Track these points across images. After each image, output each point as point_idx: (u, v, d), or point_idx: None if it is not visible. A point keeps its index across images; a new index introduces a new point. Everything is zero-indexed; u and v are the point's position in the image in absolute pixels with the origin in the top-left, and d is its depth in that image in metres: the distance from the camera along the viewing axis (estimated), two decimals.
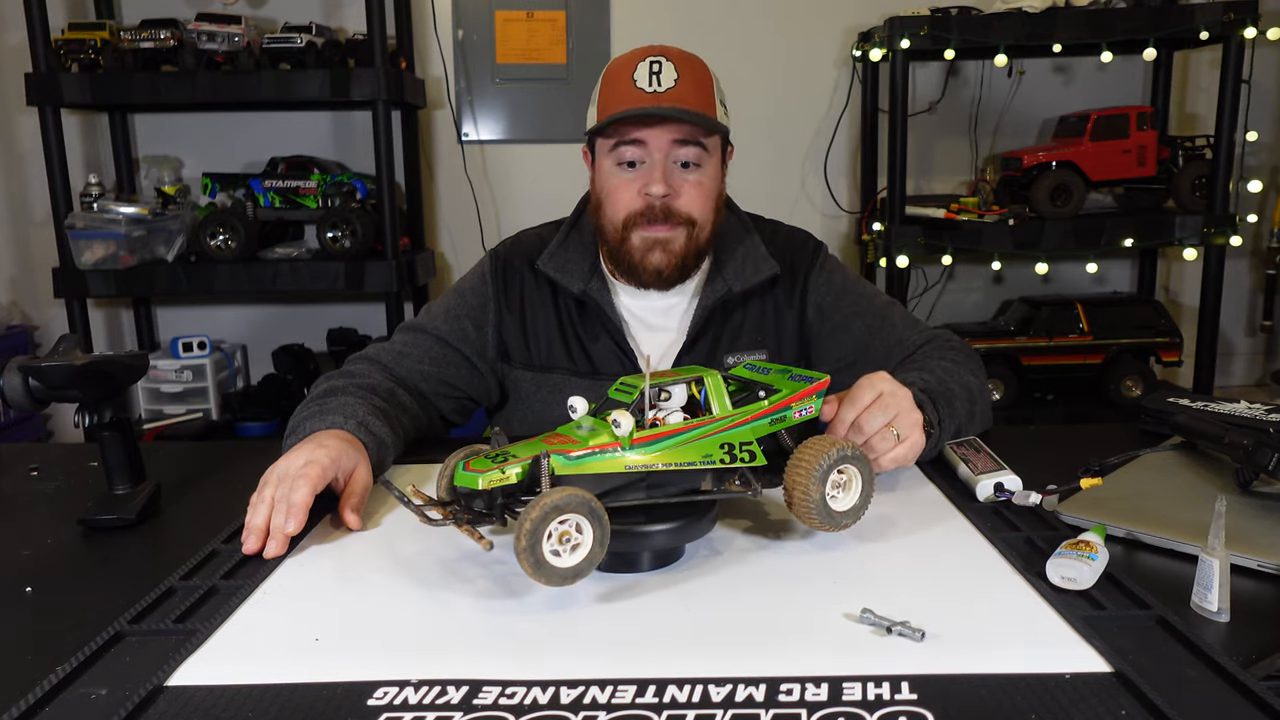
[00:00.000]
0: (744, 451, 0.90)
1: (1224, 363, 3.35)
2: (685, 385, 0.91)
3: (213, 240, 2.80)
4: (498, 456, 0.83)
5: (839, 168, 3.28)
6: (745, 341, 1.38)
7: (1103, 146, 2.89)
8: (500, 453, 0.84)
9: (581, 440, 0.84)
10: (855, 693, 0.65)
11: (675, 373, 0.92)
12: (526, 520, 0.75)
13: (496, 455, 0.84)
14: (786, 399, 0.95)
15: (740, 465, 0.90)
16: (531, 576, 0.76)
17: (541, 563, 0.76)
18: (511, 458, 0.82)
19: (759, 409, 0.93)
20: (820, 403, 0.99)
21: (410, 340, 1.36)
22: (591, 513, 0.78)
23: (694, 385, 0.92)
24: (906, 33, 2.75)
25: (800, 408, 0.96)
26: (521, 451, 0.83)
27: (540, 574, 0.76)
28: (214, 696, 0.66)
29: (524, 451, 0.83)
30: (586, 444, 0.84)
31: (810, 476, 0.87)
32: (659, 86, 1.25)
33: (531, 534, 0.75)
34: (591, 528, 0.78)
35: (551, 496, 0.76)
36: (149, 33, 2.71)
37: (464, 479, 0.83)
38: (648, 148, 1.27)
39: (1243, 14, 2.72)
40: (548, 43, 3.17)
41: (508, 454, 0.83)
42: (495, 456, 0.84)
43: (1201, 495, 0.98)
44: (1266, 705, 0.62)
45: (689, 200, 1.30)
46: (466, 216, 3.25)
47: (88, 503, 1.02)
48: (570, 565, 0.78)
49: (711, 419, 0.89)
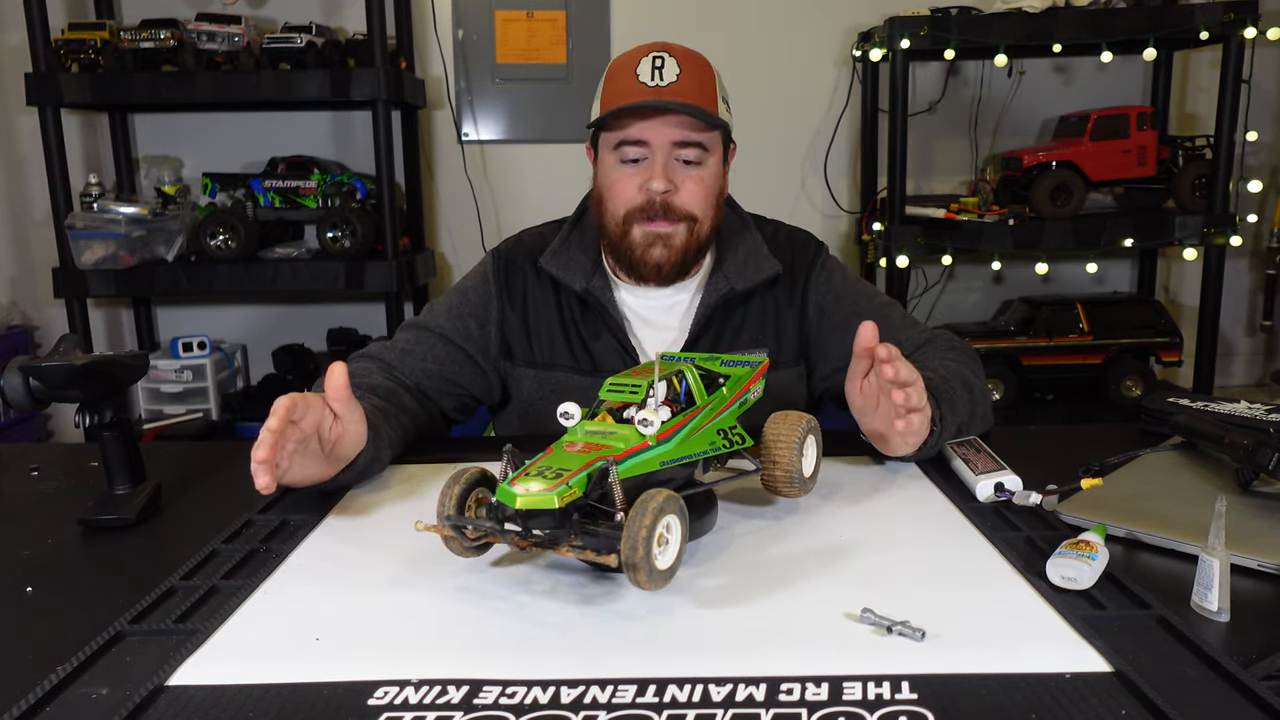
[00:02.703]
0: (735, 435, 0.95)
1: (1224, 363, 3.35)
2: (668, 380, 0.91)
3: (213, 240, 2.80)
4: (544, 473, 0.78)
5: (839, 168, 3.28)
6: (745, 340, 1.38)
7: (1103, 146, 2.89)
8: (538, 468, 0.79)
9: (622, 442, 0.83)
10: (855, 692, 0.65)
11: (652, 367, 0.93)
12: (641, 529, 0.74)
13: (543, 472, 0.78)
14: (745, 383, 0.99)
15: (738, 448, 0.95)
16: (644, 585, 0.76)
17: (654, 570, 0.76)
18: (562, 471, 0.78)
19: (733, 394, 0.96)
20: (763, 385, 1.02)
21: (413, 338, 1.36)
22: (680, 510, 0.79)
23: (675, 379, 0.92)
24: (906, 33, 2.75)
25: (754, 390, 1.01)
26: (564, 464, 0.79)
27: (651, 581, 0.76)
28: (214, 696, 0.66)
29: (566, 464, 0.79)
30: (629, 445, 0.83)
31: (793, 449, 0.95)
32: (661, 81, 1.26)
33: (647, 542, 0.74)
34: (680, 526, 0.79)
35: (654, 501, 0.75)
36: (149, 33, 2.71)
37: (533, 500, 0.77)
38: (649, 146, 1.28)
39: (1243, 14, 2.71)
40: (548, 43, 3.17)
41: (546, 469, 0.79)
42: (548, 472, 0.78)
43: (1201, 495, 0.98)
44: (1266, 705, 0.62)
45: (689, 196, 1.30)
46: (466, 216, 3.25)
47: (88, 503, 1.02)
48: (669, 566, 0.78)
49: (705, 408, 0.91)
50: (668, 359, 0.97)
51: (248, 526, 0.98)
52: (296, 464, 0.97)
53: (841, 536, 0.94)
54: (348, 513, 1.03)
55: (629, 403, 0.89)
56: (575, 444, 0.83)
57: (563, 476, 0.77)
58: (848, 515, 1.00)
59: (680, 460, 0.88)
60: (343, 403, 1.00)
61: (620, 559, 0.75)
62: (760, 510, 1.01)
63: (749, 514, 1.00)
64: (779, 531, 0.95)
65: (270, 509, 1.03)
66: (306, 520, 0.99)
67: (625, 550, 0.74)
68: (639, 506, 0.75)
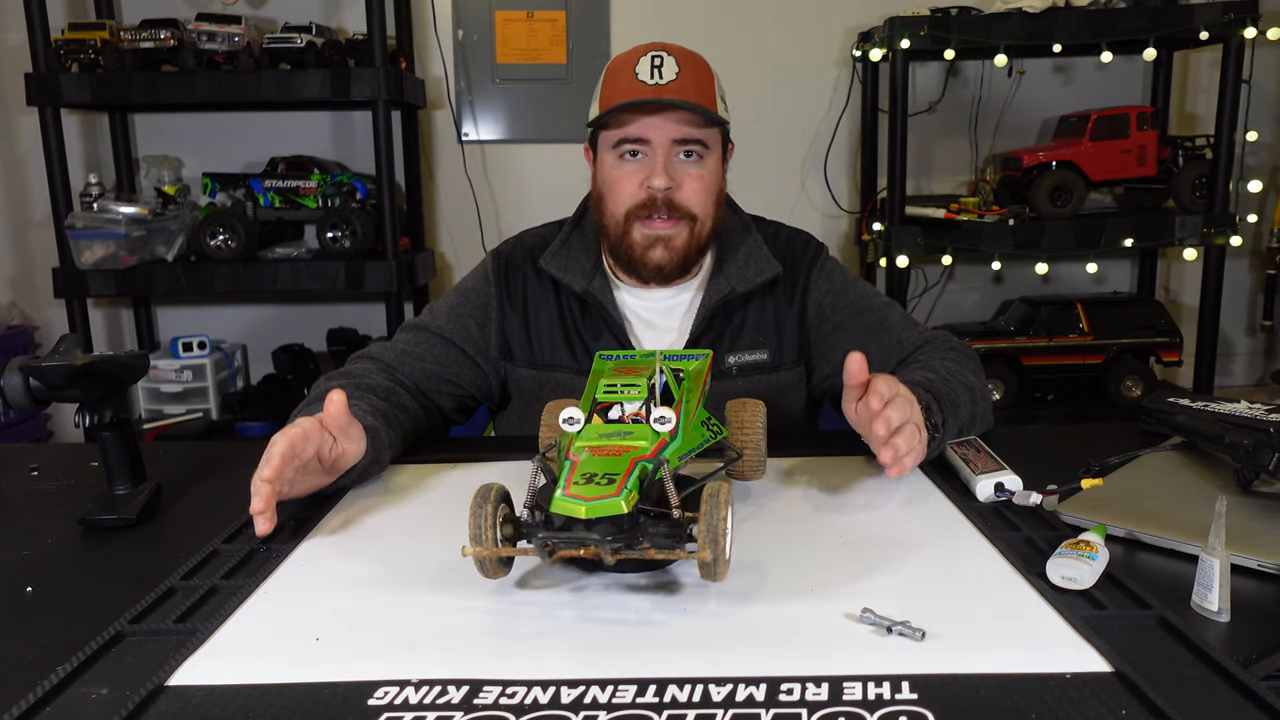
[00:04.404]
0: (713, 425, 0.97)
1: (1224, 363, 3.35)
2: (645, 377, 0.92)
3: (213, 240, 2.80)
4: (593, 480, 0.76)
5: (839, 168, 3.28)
6: (746, 341, 1.38)
7: (1103, 146, 2.89)
8: (581, 475, 0.77)
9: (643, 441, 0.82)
10: (855, 692, 0.65)
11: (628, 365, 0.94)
12: (719, 521, 0.75)
13: (590, 479, 0.76)
14: (704, 374, 1.01)
15: (721, 436, 0.98)
16: (719, 578, 0.77)
17: (728, 562, 0.78)
18: (611, 476, 0.77)
19: (697, 386, 0.97)
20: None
21: (413, 339, 1.36)
22: (733, 500, 0.80)
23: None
24: (906, 33, 2.75)
25: (708, 381, 1.04)
26: (607, 469, 0.78)
27: (725, 572, 0.77)
28: (214, 696, 0.66)
29: (608, 468, 0.78)
30: (653, 444, 0.83)
31: (759, 434, 1.01)
32: (660, 79, 1.26)
33: (726, 535, 0.76)
34: (733, 515, 0.80)
35: (723, 494, 0.76)
36: (149, 33, 2.71)
37: (601, 508, 0.74)
38: (650, 143, 1.28)
39: (1243, 14, 2.72)
40: (548, 43, 3.17)
41: (592, 475, 0.77)
42: (598, 479, 0.76)
43: (1201, 495, 0.98)
44: (1266, 705, 0.62)
45: (690, 193, 1.30)
46: (466, 216, 3.25)
47: (88, 503, 1.02)
48: (730, 556, 0.79)
49: (682, 401, 0.91)
50: (605, 358, 0.99)
51: (248, 526, 0.98)
52: (295, 483, 0.98)
53: (841, 536, 0.94)
54: (348, 513, 1.03)
55: (614, 402, 0.88)
56: (600, 448, 0.81)
57: (617, 481, 0.76)
58: (848, 515, 1.00)
59: (690, 454, 0.90)
60: (342, 429, 1.00)
61: (700, 554, 0.75)
62: (759, 510, 1.01)
63: (747, 514, 1.00)
64: (778, 531, 0.95)
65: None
66: (306, 520, 0.99)
67: (705, 545, 0.75)
68: (711, 500, 0.76)
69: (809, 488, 1.07)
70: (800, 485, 1.08)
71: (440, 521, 0.99)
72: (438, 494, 1.09)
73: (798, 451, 1.18)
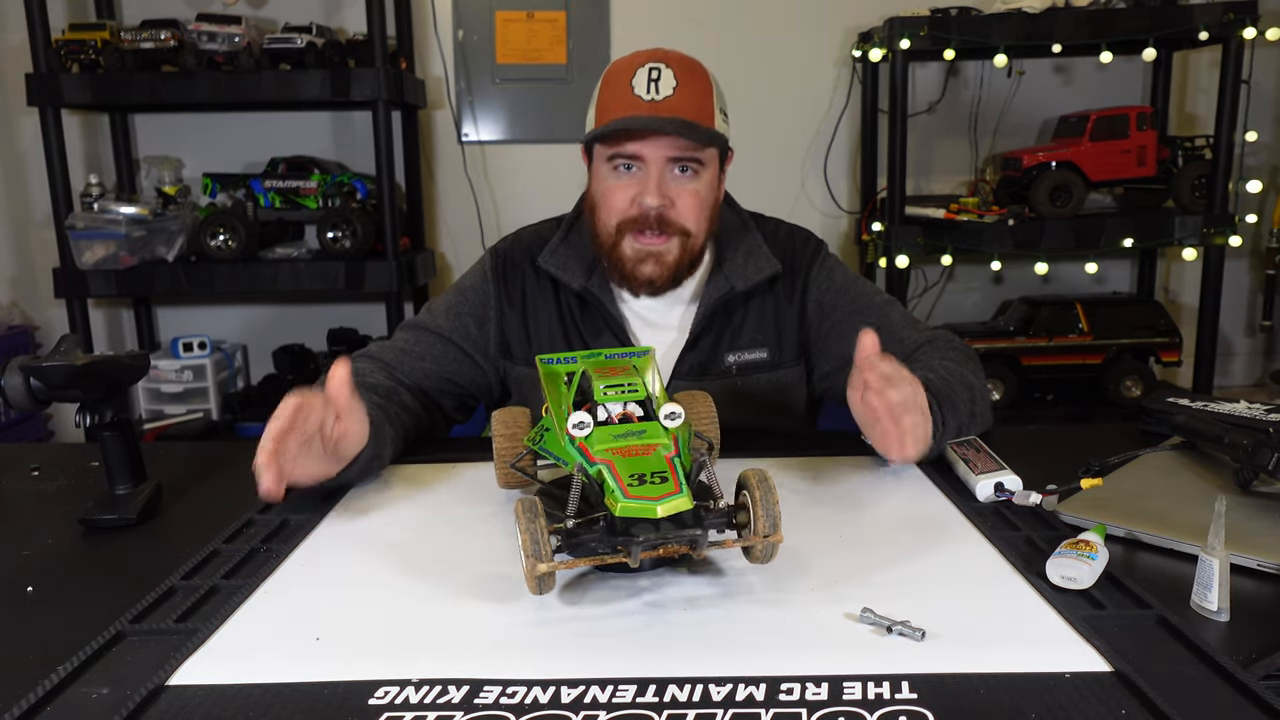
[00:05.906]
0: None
1: (1224, 363, 3.35)
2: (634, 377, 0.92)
3: (213, 240, 2.80)
4: (647, 480, 0.77)
5: (839, 168, 3.28)
6: (746, 340, 1.38)
7: (1103, 146, 2.89)
8: (632, 477, 0.77)
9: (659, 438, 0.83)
10: (855, 692, 0.65)
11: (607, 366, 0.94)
12: (774, 504, 0.78)
13: (643, 479, 0.77)
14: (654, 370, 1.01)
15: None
16: (770, 559, 0.80)
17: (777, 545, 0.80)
18: (660, 474, 0.77)
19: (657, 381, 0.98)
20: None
21: (412, 338, 1.36)
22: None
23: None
24: (906, 33, 2.75)
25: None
26: (648, 468, 0.78)
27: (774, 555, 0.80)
28: (214, 696, 0.66)
29: (649, 468, 0.78)
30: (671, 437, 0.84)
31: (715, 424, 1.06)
32: (656, 95, 1.24)
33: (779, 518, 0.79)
34: None
35: (769, 479, 0.79)
36: (149, 33, 2.71)
37: (673, 506, 0.75)
38: (644, 160, 1.27)
39: (1242, 14, 2.72)
40: (548, 43, 3.17)
41: (644, 476, 0.77)
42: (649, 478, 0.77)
43: (1201, 495, 0.98)
44: (1266, 705, 0.62)
45: (684, 210, 1.28)
46: (466, 216, 3.25)
47: (88, 503, 1.02)
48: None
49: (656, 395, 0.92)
50: (547, 362, 1.00)
51: (248, 526, 0.98)
52: (299, 463, 0.97)
53: (841, 536, 0.94)
54: (348, 512, 1.03)
55: (618, 401, 0.88)
56: (625, 449, 0.81)
57: (670, 480, 0.77)
58: (848, 515, 1.00)
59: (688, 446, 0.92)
60: (344, 400, 0.99)
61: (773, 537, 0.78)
62: None
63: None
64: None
65: (270, 509, 1.03)
66: (306, 520, 0.99)
67: (764, 530, 0.77)
68: (761, 486, 0.78)
69: (809, 487, 1.07)
70: (800, 485, 1.08)
71: (440, 521, 0.99)
72: (438, 494, 1.09)
73: (798, 451, 1.18)
